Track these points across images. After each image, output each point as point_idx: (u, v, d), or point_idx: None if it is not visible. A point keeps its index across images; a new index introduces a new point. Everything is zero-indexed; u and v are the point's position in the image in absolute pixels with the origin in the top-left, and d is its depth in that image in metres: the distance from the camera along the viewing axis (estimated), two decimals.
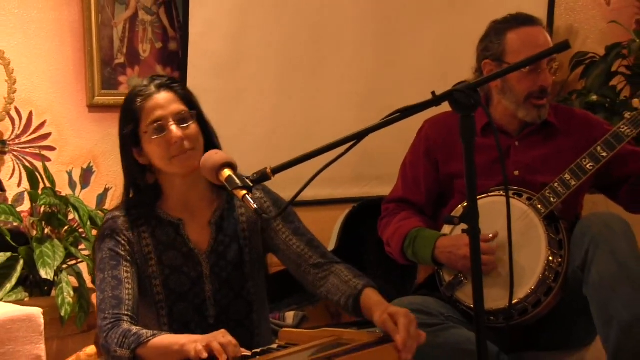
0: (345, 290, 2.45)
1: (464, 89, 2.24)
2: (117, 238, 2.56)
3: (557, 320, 2.84)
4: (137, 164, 2.59)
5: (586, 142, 2.90)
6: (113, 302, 2.48)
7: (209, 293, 2.58)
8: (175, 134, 2.47)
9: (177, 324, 2.53)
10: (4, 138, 4.41)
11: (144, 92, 2.53)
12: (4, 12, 4.38)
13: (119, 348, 2.40)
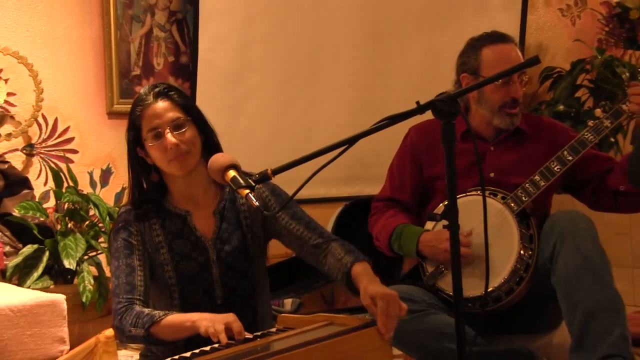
0: (340, 268, 2.43)
1: (445, 99, 2.25)
2: (130, 229, 2.57)
3: (527, 307, 2.84)
4: (141, 165, 2.60)
5: (554, 147, 2.90)
6: (127, 287, 2.49)
7: (216, 276, 2.57)
8: (170, 140, 2.48)
9: (188, 305, 2.52)
10: (32, 142, 4.42)
11: (144, 102, 2.53)
12: (33, 28, 4.41)
13: (133, 328, 2.41)
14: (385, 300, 2.20)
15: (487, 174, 2.95)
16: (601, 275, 2.66)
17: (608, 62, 5.07)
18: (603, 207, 3.04)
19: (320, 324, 2.35)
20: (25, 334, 3.00)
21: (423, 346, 2.80)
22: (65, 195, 4.18)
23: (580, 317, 2.62)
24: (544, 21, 5.85)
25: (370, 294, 2.24)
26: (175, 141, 2.48)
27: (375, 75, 4.90)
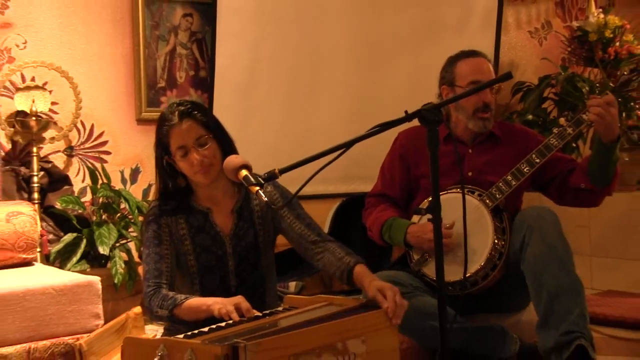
0: (340, 265, 2.46)
1: (430, 108, 2.24)
2: (159, 222, 2.57)
3: (500, 290, 2.83)
4: (169, 171, 2.60)
5: (524, 151, 2.89)
6: (155, 272, 2.50)
7: (232, 267, 2.57)
8: (195, 158, 2.49)
9: (206, 291, 2.53)
10: (72, 144, 4.43)
11: (170, 122, 2.52)
12: (74, 47, 4.42)
13: (159, 309, 2.42)
14: (393, 291, 2.23)
15: (466, 173, 2.94)
16: (564, 262, 2.65)
17: (570, 78, 5.07)
18: (566, 202, 3.03)
19: (321, 304, 2.35)
20: (66, 309, 3.00)
21: (410, 324, 2.75)
22: (100, 190, 4.19)
23: (545, 298, 2.62)
24: (516, 42, 5.85)
25: (378, 288, 2.26)
26: (200, 158, 2.48)
27: (368, 87, 4.89)
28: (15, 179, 4.13)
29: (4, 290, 2.93)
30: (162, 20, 4.65)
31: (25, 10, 4.30)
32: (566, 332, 2.55)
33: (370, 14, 4.91)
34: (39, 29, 4.34)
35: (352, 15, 4.86)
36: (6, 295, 2.91)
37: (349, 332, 2.07)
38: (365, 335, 2.11)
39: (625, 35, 5.15)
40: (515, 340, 2.84)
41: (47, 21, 4.36)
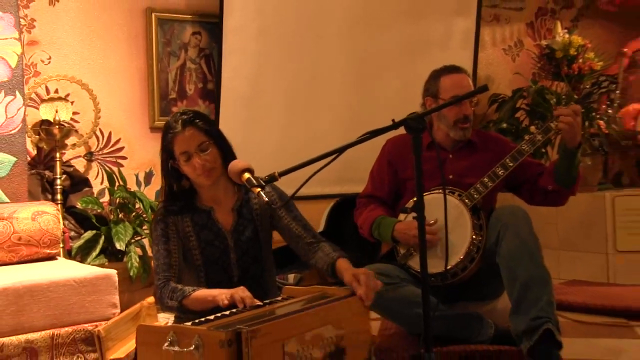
0: (326, 260, 2.47)
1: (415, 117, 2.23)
2: (167, 222, 2.56)
3: (477, 280, 2.82)
4: (174, 174, 2.59)
5: (499, 156, 2.88)
6: (164, 267, 2.49)
7: (233, 260, 2.56)
8: (197, 162, 2.48)
9: (211, 283, 2.52)
10: (92, 150, 4.42)
11: (174, 130, 2.51)
12: (93, 62, 4.43)
13: (169, 300, 2.41)
14: (366, 275, 2.25)
15: (447, 176, 2.93)
16: (534, 255, 2.65)
17: (540, 90, 5.08)
18: (536, 202, 3.03)
19: (315, 293, 2.35)
20: (86, 299, 2.99)
21: (397, 311, 2.79)
22: (117, 192, 4.18)
23: (518, 288, 2.61)
24: (492, 58, 5.86)
25: (353, 273, 2.29)
26: (202, 162, 2.48)
27: (360, 98, 4.89)
28: (40, 181, 4.12)
29: (30, 282, 2.92)
30: (173, 38, 4.65)
31: (50, 29, 4.30)
32: (535, 317, 2.55)
33: (363, 32, 4.91)
34: (62, 46, 4.33)
35: (346, 33, 4.86)
36: (32, 287, 2.91)
37: (329, 317, 2.11)
38: (342, 319, 2.14)
39: (587, 53, 5.19)
40: (491, 325, 2.84)
41: (69, 39, 4.35)
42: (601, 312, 3.53)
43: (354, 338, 2.18)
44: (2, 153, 3.72)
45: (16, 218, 3.44)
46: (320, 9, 4.75)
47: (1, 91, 3.74)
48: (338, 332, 2.12)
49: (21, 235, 3.42)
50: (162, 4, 4.61)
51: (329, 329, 2.09)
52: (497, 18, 5.89)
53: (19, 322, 2.85)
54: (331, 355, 2.08)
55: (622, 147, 5.18)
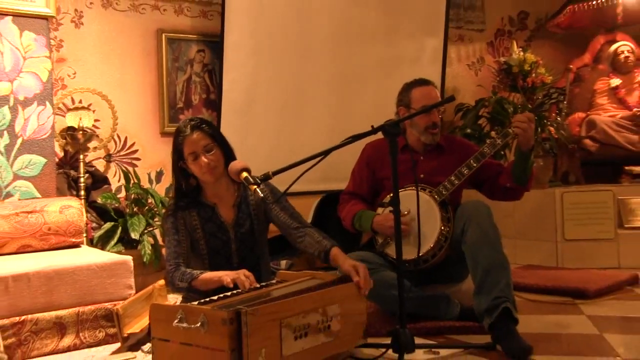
0: (318, 247, 2.46)
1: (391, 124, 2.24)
2: (176, 215, 2.56)
3: (445, 266, 2.83)
4: (183, 173, 2.59)
5: (464, 157, 2.89)
6: (175, 254, 2.49)
7: (234, 249, 2.56)
8: (203, 161, 2.50)
9: (214, 268, 2.52)
10: (110, 152, 4.39)
11: (184, 133, 2.53)
12: (112, 76, 4.43)
13: (179, 282, 2.41)
14: (364, 269, 2.28)
15: (419, 175, 2.93)
16: (494, 244, 2.66)
17: (499, 100, 5.09)
18: (496, 197, 3.04)
19: (305, 277, 2.35)
20: (106, 282, 2.97)
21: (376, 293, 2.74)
22: (132, 189, 4.16)
23: (480, 272, 2.62)
24: (457, 72, 5.87)
25: (352, 265, 2.30)
26: (207, 161, 2.48)
27: (343, 107, 4.88)
28: (66, 179, 4.11)
29: (58, 266, 2.91)
30: (180, 55, 4.62)
31: (75, 48, 4.28)
32: (495, 297, 2.55)
33: (344, 50, 4.90)
34: (85, 62, 4.31)
35: (329, 51, 4.84)
36: (60, 270, 2.90)
37: (328, 299, 2.09)
38: (341, 302, 2.13)
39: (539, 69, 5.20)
40: (457, 305, 2.84)
41: (92, 57, 4.33)
42: (551, 292, 3.54)
43: (350, 318, 2.17)
44: (34, 155, 3.71)
45: (46, 211, 3.43)
46: (307, 30, 4.75)
47: (34, 102, 3.72)
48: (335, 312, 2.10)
49: (50, 226, 3.41)
50: (171, 25, 4.59)
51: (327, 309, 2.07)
52: (461, 38, 5.90)
53: (50, 300, 2.85)
54: (326, 333, 2.06)
55: (569, 150, 5.21)
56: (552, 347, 2.53)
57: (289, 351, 1.93)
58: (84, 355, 2.71)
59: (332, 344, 2.08)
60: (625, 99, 5.24)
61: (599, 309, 3.19)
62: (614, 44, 5.43)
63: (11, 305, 2.75)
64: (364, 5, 4.96)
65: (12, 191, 3.64)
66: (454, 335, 2.73)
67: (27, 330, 2.77)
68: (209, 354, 1.83)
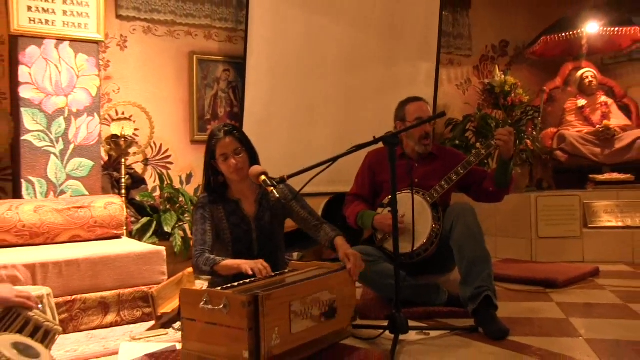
0: (327, 237, 2.46)
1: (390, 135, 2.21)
2: (205, 208, 2.55)
3: (436, 259, 2.80)
4: (213, 172, 2.56)
5: (453, 164, 2.86)
6: (201, 242, 2.47)
7: (254, 239, 2.54)
8: (232, 162, 2.48)
9: (236, 256, 2.49)
10: (147, 157, 4.39)
11: (217, 137, 2.51)
12: (150, 92, 4.43)
13: (204, 266, 2.40)
14: (355, 257, 2.25)
15: (414, 179, 2.91)
16: (478, 240, 2.63)
17: (484, 116, 5.08)
18: (481, 200, 3.01)
19: (314, 267, 2.33)
20: (143, 268, 2.97)
21: (375, 282, 2.77)
22: (165, 189, 4.15)
23: (466, 264, 2.60)
24: (448, 91, 5.85)
25: (346, 253, 2.28)
26: (235, 162, 2.47)
27: (348, 120, 4.86)
28: (110, 180, 4.11)
29: (103, 254, 2.91)
30: (209, 74, 4.62)
31: (120, 68, 4.29)
32: (478, 287, 2.53)
33: (349, 72, 4.89)
34: (128, 80, 4.32)
35: (336, 73, 4.83)
36: (104, 258, 2.90)
37: (325, 285, 2.09)
38: (337, 287, 2.14)
39: (517, 90, 5.19)
40: (445, 292, 2.82)
41: (133, 75, 4.34)
42: (526, 282, 3.52)
43: (343, 301, 2.16)
44: (84, 159, 3.71)
45: (93, 207, 3.43)
46: (317, 54, 4.74)
47: (84, 113, 3.72)
48: (331, 296, 2.10)
49: (96, 220, 3.42)
50: (202, 48, 4.59)
51: (325, 294, 2.07)
52: (451, 62, 5.88)
53: (95, 283, 2.85)
54: (326, 313, 2.06)
55: (543, 160, 5.19)
56: (526, 330, 2.51)
57: (297, 329, 1.92)
58: (123, 331, 2.71)
59: (330, 323, 2.08)
60: (589, 117, 5.24)
61: (566, 296, 3.17)
62: (580, 70, 5.45)
63: (64, 286, 2.76)
64: (366, 33, 4.96)
65: (65, 189, 3.64)
66: (442, 319, 2.71)
67: (77, 307, 2.77)
68: (230, 332, 1.82)
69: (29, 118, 3.57)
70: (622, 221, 4.42)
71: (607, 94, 5.39)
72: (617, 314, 2.78)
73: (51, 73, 3.63)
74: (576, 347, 2.27)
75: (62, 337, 2.29)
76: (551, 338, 2.39)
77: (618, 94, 5.46)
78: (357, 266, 2.22)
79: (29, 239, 3.22)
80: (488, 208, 4.05)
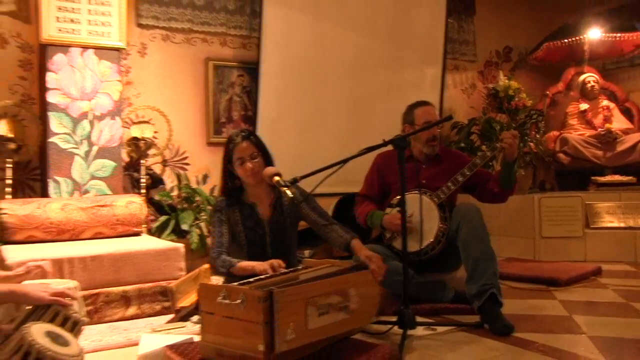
0: (341, 240, 2.44)
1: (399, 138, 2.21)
2: (222, 211, 2.54)
3: (443, 257, 2.79)
4: (230, 175, 2.56)
5: (458, 166, 2.85)
6: (218, 244, 2.48)
7: (268, 241, 2.54)
8: (249, 166, 2.48)
9: (251, 257, 2.49)
10: (166, 158, 4.41)
11: (234, 141, 2.51)
12: (168, 96, 4.44)
13: (221, 268, 2.41)
14: (377, 259, 2.24)
15: (421, 181, 2.90)
16: (484, 239, 2.62)
17: (488, 120, 5.07)
18: (485, 200, 2.99)
19: (325, 265, 2.32)
20: (162, 264, 3.00)
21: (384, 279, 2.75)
22: (183, 188, 4.18)
23: (471, 263, 2.59)
24: (453, 95, 5.82)
25: (367, 255, 2.26)
26: (252, 166, 2.47)
27: (356, 124, 4.86)
28: (131, 180, 4.13)
29: (125, 250, 2.95)
30: (224, 79, 4.64)
31: (140, 74, 4.31)
32: (484, 284, 2.52)
33: (357, 77, 4.89)
34: (148, 85, 4.34)
35: (345, 77, 4.83)
36: (125, 254, 2.93)
37: (347, 283, 2.07)
38: (357, 286, 2.11)
39: (521, 94, 5.17)
40: (452, 290, 2.81)
41: (152, 81, 4.36)
42: (529, 281, 3.50)
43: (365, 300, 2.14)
44: (106, 160, 3.74)
45: (115, 205, 3.46)
46: (327, 59, 4.75)
47: (107, 117, 3.75)
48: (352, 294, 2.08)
49: (118, 217, 3.44)
50: (217, 55, 4.60)
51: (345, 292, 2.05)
52: (457, 67, 5.86)
53: (117, 277, 2.88)
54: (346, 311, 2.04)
55: (545, 162, 5.16)
56: (530, 326, 2.49)
57: (314, 325, 1.92)
58: (144, 323, 2.73)
59: (349, 320, 2.06)
60: (592, 121, 5.20)
61: (569, 294, 3.15)
62: (582, 74, 5.40)
63: (89, 280, 2.79)
64: (374, 40, 4.95)
65: (89, 188, 3.67)
66: (448, 315, 2.70)
67: (101, 300, 2.80)
68: (246, 326, 1.82)
69: (56, 121, 3.60)
70: (624, 222, 4.38)
71: (609, 98, 5.34)
72: (620, 312, 2.76)
73: (76, 79, 3.66)
74: (579, 343, 2.26)
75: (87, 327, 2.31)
76: (554, 334, 2.37)
77: (620, 98, 5.41)
78: (381, 267, 2.22)
79: (55, 235, 3.26)
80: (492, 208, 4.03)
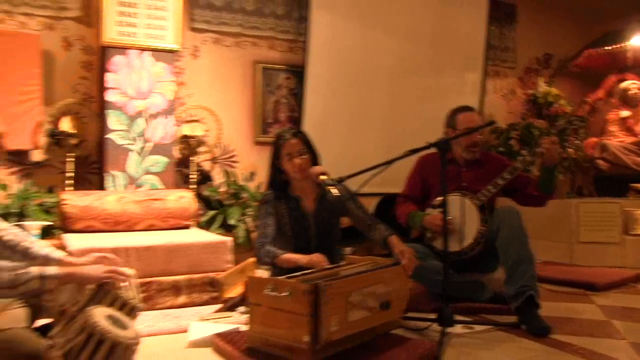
0: (381, 236, 2.44)
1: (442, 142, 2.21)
2: (269, 204, 2.57)
3: (482, 258, 2.76)
4: (277, 170, 2.58)
5: (498, 170, 2.81)
6: (263, 235, 2.50)
7: (313, 234, 2.56)
8: (296, 161, 2.50)
9: (296, 249, 2.51)
10: (215, 156, 4.48)
11: (284, 138, 2.53)
12: (218, 97, 4.50)
13: (265, 257, 2.42)
14: (409, 253, 2.25)
15: (462, 183, 2.87)
16: (523, 242, 2.58)
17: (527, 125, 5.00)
18: (525, 204, 2.94)
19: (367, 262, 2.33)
20: (211, 257, 3.04)
21: (424, 277, 2.74)
22: (231, 185, 4.23)
23: (511, 264, 2.56)
24: (493, 101, 5.72)
25: (400, 250, 2.28)
26: (300, 162, 2.49)
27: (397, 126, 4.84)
28: (182, 175, 4.21)
29: (176, 242, 2.99)
30: (271, 81, 4.68)
31: (192, 75, 4.40)
32: (522, 286, 2.48)
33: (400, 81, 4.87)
34: (200, 86, 4.42)
35: (388, 81, 4.82)
36: (177, 246, 2.98)
37: (381, 278, 2.09)
38: (390, 280, 2.14)
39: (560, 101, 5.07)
40: (490, 290, 2.78)
41: (203, 81, 4.44)
42: (567, 284, 3.43)
43: (398, 293, 2.16)
44: (160, 156, 3.83)
45: (167, 199, 3.53)
46: (371, 63, 4.75)
47: (161, 115, 3.84)
48: (387, 289, 2.10)
49: (170, 211, 3.51)
50: (265, 58, 4.65)
51: (380, 287, 2.08)
52: (497, 73, 5.76)
53: (168, 268, 2.93)
54: (381, 304, 2.06)
55: (584, 168, 5.04)
56: (568, 328, 2.44)
57: (353, 318, 1.94)
58: (193, 312, 2.78)
59: (384, 314, 2.08)
60: (633, 128, 5.04)
61: (606, 299, 3.08)
62: (623, 82, 5.24)
63: (142, 269, 2.85)
64: (416, 45, 4.93)
65: (142, 182, 3.77)
66: (486, 315, 2.68)
67: (153, 288, 2.87)
68: (293, 317, 1.85)
69: (113, 119, 3.72)
70: None
71: None
72: None
73: (133, 79, 3.77)
74: (619, 348, 2.20)
75: (141, 313, 2.38)
76: (593, 338, 2.32)
77: None
78: (412, 261, 2.21)
79: (112, 225, 3.36)
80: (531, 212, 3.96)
